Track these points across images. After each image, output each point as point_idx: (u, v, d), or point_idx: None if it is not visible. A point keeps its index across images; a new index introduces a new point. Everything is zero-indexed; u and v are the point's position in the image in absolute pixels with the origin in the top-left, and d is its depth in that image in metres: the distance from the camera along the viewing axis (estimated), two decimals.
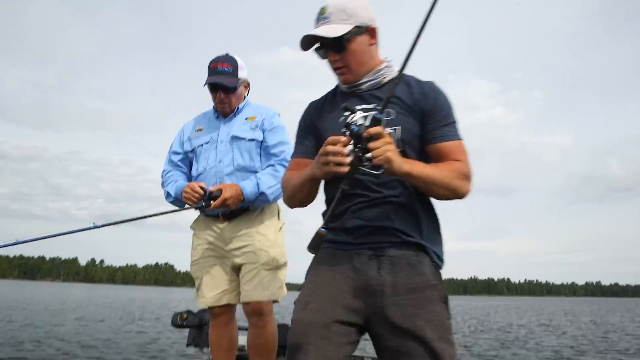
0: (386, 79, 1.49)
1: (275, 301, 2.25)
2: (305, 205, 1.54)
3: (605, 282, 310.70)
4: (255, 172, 2.29)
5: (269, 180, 2.22)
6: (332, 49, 1.44)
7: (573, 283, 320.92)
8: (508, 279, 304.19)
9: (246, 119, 2.38)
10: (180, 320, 3.24)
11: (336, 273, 1.39)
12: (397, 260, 1.36)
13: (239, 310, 2.41)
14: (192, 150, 2.40)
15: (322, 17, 1.44)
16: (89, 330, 13.56)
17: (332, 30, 1.41)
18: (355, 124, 1.24)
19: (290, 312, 1.44)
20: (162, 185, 2.43)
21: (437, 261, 1.42)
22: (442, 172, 1.33)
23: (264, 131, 2.34)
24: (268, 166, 2.30)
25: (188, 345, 3.32)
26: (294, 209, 1.59)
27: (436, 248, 1.44)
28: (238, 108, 2.40)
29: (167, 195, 2.38)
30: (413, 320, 1.27)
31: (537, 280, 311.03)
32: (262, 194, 2.19)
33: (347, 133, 1.25)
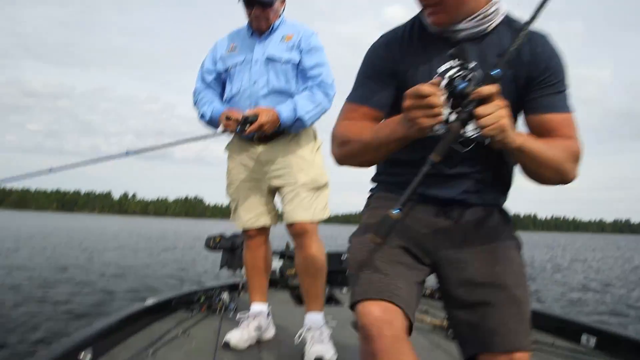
0: (491, 27, 1.15)
1: (319, 222, 2.23)
2: (368, 167, 1.29)
3: (635, 219, 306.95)
4: (291, 95, 2.19)
5: (306, 105, 2.14)
6: None
7: (601, 220, 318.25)
8: (535, 214, 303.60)
9: (282, 38, 2.25)
10: (214, 243, 3.32)
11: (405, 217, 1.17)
12: (473, 213, 1.22)
13: (272, 236, 2.42)
14: (226, 71, 2.30)
15: None
16: (127, 258, 14.24)
17: None
18: (460, 80, 0.99)
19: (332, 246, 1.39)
20: (195, 104, 2.36)
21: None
22: (554, 151, 1.09)
23: (300, 52, 2.21)
24: (304, 89, 2.20)
25: (221, 267, 3.42)
26: (343, 165, 1.26)
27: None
28: (273, 26, 2.26)
29: (202, 115, 2.30)
30: (492, 267, 1.14)
31: (564, 217, 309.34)
32: (299, 119, 2.12)
33: (445, 87, 1.00)
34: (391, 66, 1.21)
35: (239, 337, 2.13)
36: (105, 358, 1.87)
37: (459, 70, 1.10)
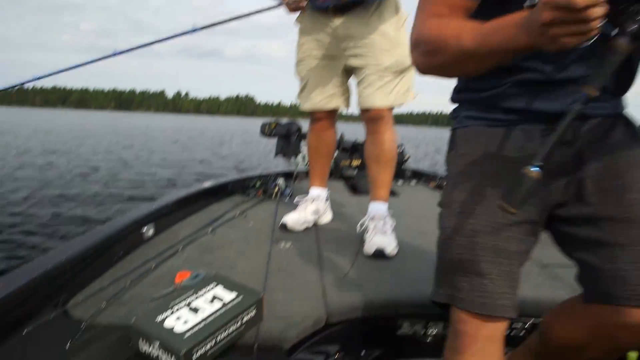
0: None
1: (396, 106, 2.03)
2: (463, 76, 1.00)
3: None
4: None
5: None
6: None
7: None
8: None
9: None
10: (269, 129, 3.24)
11: (498, 161, 0.92)
12: (591, 129, 0.92)
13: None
14: None
15: None
16: (187, 151, 14.78)
17: None
18: None
19: None
20: None
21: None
22: None
23: None
24: None
25: (276, 155, 3.37)
26: (429, 75, 0.92)
27: None
28: None
29: None
30: (620, 197, 0.88)
31: None
32: None
33: None
34: None
35: (295, 218, 2.09)
36: (166, 234, 1.90)
37: None
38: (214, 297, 1.16)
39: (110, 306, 1.23)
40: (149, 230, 1.81)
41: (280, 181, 2.77)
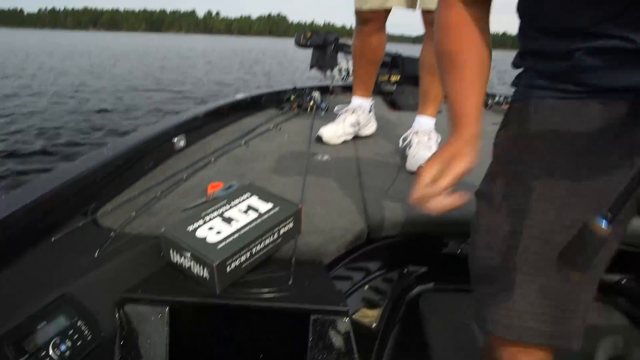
0: None
1: None
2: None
3: None
4: None
5: None
6: None
7: None
8: None
9: None
10: (304, 39, 3.02)
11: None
12: None
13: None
14: None
15: None
16: (220, 72, 14.59)
17: None
18: None
19: None
20: None
21: None
22: None
23: None
24: None
25: (311, 67, 3.18)
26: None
27: None
28: None
29: None
30: None
31: None
32: None
33: None
34: None
35: (333, 131, 1.96)
36: (197, 145, 1.82)
37: None
38: (249, 208, 1.07)
39: (140, 216, 1.17)
40: (180, 141, 1.73)
41: (316, 95, 2.62)
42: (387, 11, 1.89)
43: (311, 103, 2.55)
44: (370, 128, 2.13)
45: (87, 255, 0.95)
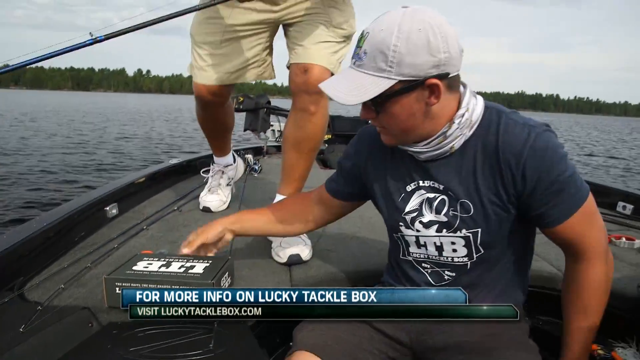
0: (455, 146, 0.89)
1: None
2: None
3: None
4: None
5: None
6: (363, 104, 0.88)
7: (626, 102, 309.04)
8: (557, 95, 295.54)
9: None
10: (237, 104, 3.13)
11: None
12: None
13: None
14: None
15: (357, 51, 0.86)
16: (147, 127, 14.38)
17: (353, 87, 0.84)
18: None
19: None
20: None
21: None
22: (590, 310, 0.93)
23: None
24: None
25: (245, 129, 3.28)
26: None
27: None
28: None
29: None
30: None
31: (587, 98, 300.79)
32: None
33: None
34: (357, 173, 1.07)
35: (217, 200, 1.95)
36: (130, 213, 1.81)
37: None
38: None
39: (69, 287, 1.15)
40: (112, 209, 1.72)
41: (249, 156, 2.70)
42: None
43: (245, 165, 2.62)
44: (240, 169, 2.16)
45: (12, 331, 0.93)
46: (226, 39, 1.64)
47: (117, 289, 1.04)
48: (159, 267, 1.10)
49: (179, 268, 1.10)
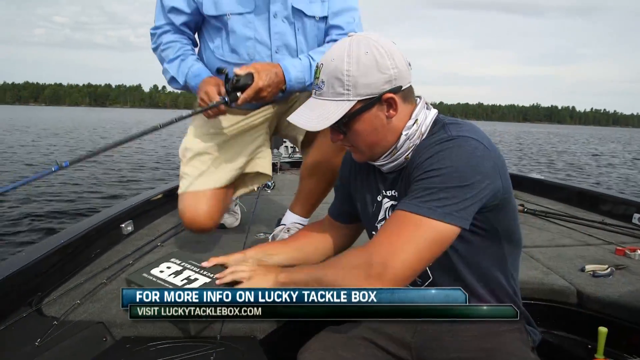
0: (410, 156, 0.97)
1: None
2: None
3: None
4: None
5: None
6: (331, 127, 0.95)
7: None
8: (573, 107, 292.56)
9: None
10: None
11: None
12: None
13: None
14: (218, 18, 1.57)
15: (315, 82, 0.95)
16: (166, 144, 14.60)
17: (319, 115, 0.92)
18: None
19: None
20: (157, 50, 1.66)
21: None
22: (325, 272, 0.95)
23: None
24: (328, 42, 1.63)
25: None
26: None
27: None
28: None
29: (171, 80, 1.66)
30: None
31: (604, 110, 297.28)
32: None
33: None
34: (347, 186, 1.17)
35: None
36: (146, 229, 1.85)
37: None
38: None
39: (84, 303, 1.19)
40: (128, 226, 1.76)
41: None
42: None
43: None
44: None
45: (28, 345, 0.97)
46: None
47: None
48: (174, 275, 1.08)
49: (191, 278, 1.10)
